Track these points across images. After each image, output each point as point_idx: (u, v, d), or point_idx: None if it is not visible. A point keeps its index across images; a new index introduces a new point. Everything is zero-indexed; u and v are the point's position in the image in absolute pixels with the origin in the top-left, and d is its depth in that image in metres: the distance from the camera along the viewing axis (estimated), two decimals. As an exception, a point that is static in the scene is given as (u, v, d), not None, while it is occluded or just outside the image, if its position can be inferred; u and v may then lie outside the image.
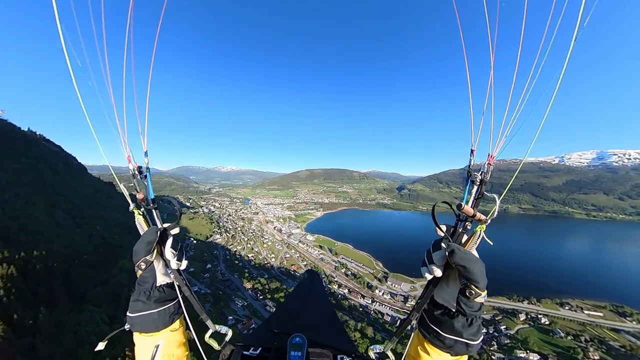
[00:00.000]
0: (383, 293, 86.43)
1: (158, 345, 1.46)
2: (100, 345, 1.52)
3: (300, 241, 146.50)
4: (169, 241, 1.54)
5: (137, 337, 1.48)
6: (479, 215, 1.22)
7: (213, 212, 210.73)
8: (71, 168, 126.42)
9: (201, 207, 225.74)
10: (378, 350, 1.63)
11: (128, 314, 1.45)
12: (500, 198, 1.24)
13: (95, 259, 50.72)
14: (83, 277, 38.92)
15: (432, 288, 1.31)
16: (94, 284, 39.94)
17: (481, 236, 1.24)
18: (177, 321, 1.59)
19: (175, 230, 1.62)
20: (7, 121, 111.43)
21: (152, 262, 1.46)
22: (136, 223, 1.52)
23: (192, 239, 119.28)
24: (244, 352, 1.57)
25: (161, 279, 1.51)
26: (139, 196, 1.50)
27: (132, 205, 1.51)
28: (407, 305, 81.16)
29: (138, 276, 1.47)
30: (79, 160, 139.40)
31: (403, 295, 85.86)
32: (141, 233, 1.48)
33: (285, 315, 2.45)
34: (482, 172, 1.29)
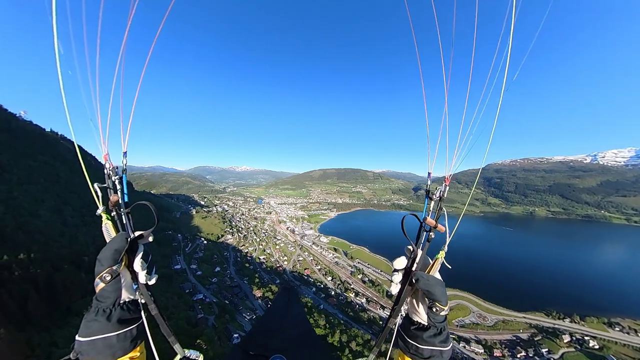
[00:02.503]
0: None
1: None
2: None
3: (313, 243, 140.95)
4: (140, 251, 1.40)
5: None
6: (440, 226, 1.49)
7: (226, 211, 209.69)
8: (89, 167, 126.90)
9: (215, 205, 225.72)
10: None
11: (78, 337, 1.20)
12: (452, 232, 1.53)
13: (92, 261, 47.02)
14: (73, 284, 34.65)
15: (404, 296, 1.55)
16: (84, 292, 35.61)
17: (442, 262, 1.50)
18: (139, 347, 1.36)
19: (150, 239, 1.50)
20: (28, 121, 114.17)
21: (119, 274, 1.29)
22: (103, 228, 1.36)
23: (202, 239, 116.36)
24: None
25: (126, 295, 1.33)
26: (112, 199, 1.37)
27: (100, 209, 1.36)
28: (432, 318, 73.08)
29: (97, 290, 1.26)
30: (100, 160, 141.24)
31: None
32: (107, 240, 1.33)
33: (263, 335, 2.31)
34: (440, 191, 1.51)
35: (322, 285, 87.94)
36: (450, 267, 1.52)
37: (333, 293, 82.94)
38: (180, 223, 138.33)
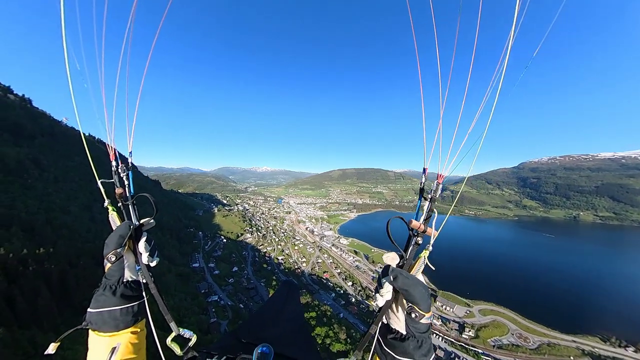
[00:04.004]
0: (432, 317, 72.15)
1: (115, 348, 1.36)
2: (51, 348, 1.44)
3: (333, 244, 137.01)
4: (144, 236, 1.58)
5: (92, 337, 1.39)
6: (429, 230, 1.36)
7: (247, 210, 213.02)
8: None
9: (236, 204, 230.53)
10: None
11: (89, 309, 1.40)
12: (439, 228, 1.37)
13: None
14: (87, 280, 34.01)
15: (388, 302, 1.36)
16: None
17: (425, 261, 1.39)
18: (140, 323, 1.52)
19: (151, 224, 1.67)
20: (70, 127, 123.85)
21: (122, 255, 1.46)
22: (109, 218, 1.57)
23: (222, 237, 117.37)
24: None
25: (128, 275, 1.50)
26: (118, 191, 1.58)
27: (107, 201, 1.56)
28: (463, 336, 65.82)
29: (106, 270, 1.46)
30: (134, 164, 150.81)
31: (458, 322, 70.23)
32: (114, 228, 1.53)
33: (256, 326, 2.40)
34: (432, 190, 1.37)
35: (341, 291, 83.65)
36: (434, 268, 1.38)
37: (354, 300, 78.30)
38: (202, 221, 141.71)
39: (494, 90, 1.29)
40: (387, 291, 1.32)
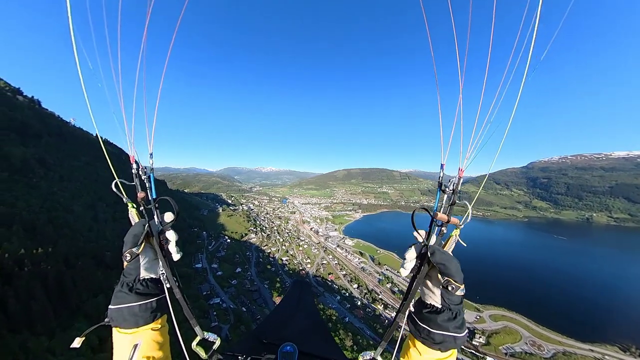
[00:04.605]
0: (440, 321, 69.54)
1: (137, 345, 1.38)
2: (76, 343, 1.44)
3: (338, 245, 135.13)
4: (172, 235, 1.59)
5: (115, 334, 1.43)
6: (453, 219, 1.41)
7: (252, 209, 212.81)
8: (128, 168, 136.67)
9: (241, 204, 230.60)
10: (368, 357, 1.66)
11: (109, 306, 1.42)
12: (472, 204, 1.44)
13: (114, 257, 46.57)
14: (85, 282, 33.06)
15: (414, 288, 1.45)
16: (97, 290, 33.95)
17: (456, 239, 1.46)
18: (160, 320, 1.54)
19: (172, 221, 1.66)
20: (78, 128, 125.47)
21: (138, 255, 1.46)
22: (129, 216, 1.59)
23: (226, 237, 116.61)
24: None
25: (144, 274, 1.50)
26: (140, 195, 1.55)
27: (125, 198, 1.57)
28: (473, 342, 63.10)
29: (124, 267, 1.48)
30: (140, 163, 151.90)
31: (468, 328, 66.66)
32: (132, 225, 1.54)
33: (274, 325, 2.40)
34: (453, 184, 1.43)
35: (347, 294, 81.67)
36: (465, 244, 1.47)
37: (359, 303, 76.24)
38: (206, 220, 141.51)
39: (514, 82, 1.28)
40: (410, 260, 1.42)
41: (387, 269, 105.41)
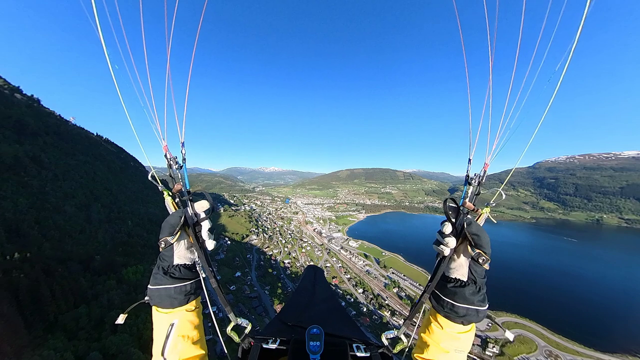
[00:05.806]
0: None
1: (173, 324, 1.48)
2: (120, 319, 1.51)
3: (342, 247, 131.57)
4: (207, 224, 1.61)
5: (154, 312, 1.52)
6: (479, 210, 1.50)
7: (254, 210, 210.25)
8: (128, 167, 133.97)
9: (243, 204, 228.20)
10: (391, 336, 1.74)
11: (149, 286, 1.51)
12: (502, 187, 1.54)
13: (104, 261, 43.50)
14: (65, 291, 29.98)
15: (441, 269, 1.51)
16: (79, 300, 30.84)
17: (487, 216, 1.52)
18: (194, 301, 1.61)
19: (209, 209, 1.68)
20: (77, 126, 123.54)
21: (172, 244, 1.50)
22: (165, 204, 1.59)
23: (227, 239, 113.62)
24: (264, 345, 1.64)
25: (178, 260, 1.55)
26: (176, 187, 1.55)
27: (161, 187, 1.56)
28: (486, 352, 59.36)
29: (160, 251, 1.53)
30: (142, 162, 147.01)
31: (480, 337, 63.67)
32: (169, 213, 1.55)
33: (296, 309, 2.49)
34: (479, 176, 1.52)
35: (351, 299, 78.16)
36: (495, 222, 1.57)
37: (365, 310, 72.70)
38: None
39: (539, 78, 1.33)
40: (448, 233, 1.48)
41: (393, 272, 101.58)
